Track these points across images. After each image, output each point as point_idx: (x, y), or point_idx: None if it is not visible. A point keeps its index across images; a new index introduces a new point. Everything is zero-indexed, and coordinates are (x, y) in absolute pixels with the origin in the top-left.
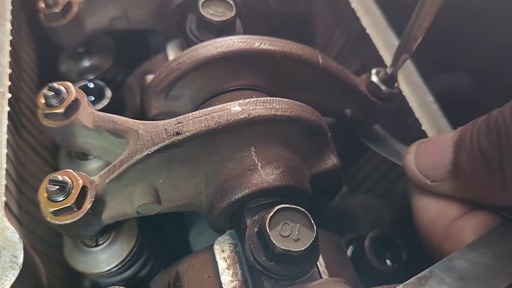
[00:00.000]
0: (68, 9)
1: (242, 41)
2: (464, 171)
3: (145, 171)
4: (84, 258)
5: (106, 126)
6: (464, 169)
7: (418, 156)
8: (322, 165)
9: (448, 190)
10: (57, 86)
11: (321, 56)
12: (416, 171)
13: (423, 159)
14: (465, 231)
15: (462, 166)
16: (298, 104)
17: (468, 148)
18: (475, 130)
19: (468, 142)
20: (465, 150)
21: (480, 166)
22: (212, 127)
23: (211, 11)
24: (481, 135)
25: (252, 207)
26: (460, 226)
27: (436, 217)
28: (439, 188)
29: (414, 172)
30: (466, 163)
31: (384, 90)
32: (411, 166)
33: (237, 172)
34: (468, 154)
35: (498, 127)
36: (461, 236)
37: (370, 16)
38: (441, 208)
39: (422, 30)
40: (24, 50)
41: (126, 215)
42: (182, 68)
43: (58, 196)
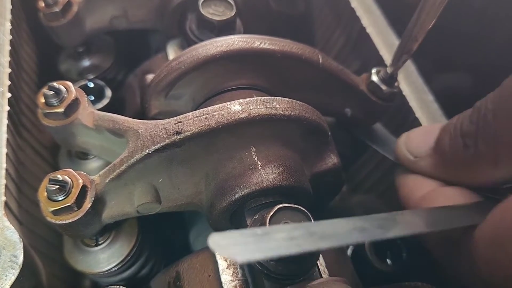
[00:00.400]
0: (68, 8)
1: (242, 40)
2: (443, 147)
3: (145, 170)
4: (84, 257)
5: (106, 126)
6: (444, 145)
7: (408, 137)
8: (323, 164)
9: (427, 165)
10: (57, 85)
11: (321, 55)
12: (403, 147)
13: (411, 139)
14: (437, 202)
15: (442, 143)
16: (298, 104)
17: (451, 128)
18: (462, 115)
19: (453, 124)
20: (448, 130)
21: (457, 143)
22: (212, 126)
23: (211, 10)
24: (465, 117)
25: (252, 206)
26: (434, 196)
27: (413, 189)
28: (420, 163)
29: (401, 149)
30: (446, 140)
31: (384, 89)
32: (400, 143)
33: (238, 171)
34: (449, 133)
35: (479, 107)
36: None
37: (370, 16)
38: (418, 181)
39: (423, 32)
40: (24, 49)
41: (126, 214)
42: (182, 68)
43: (58, 195)
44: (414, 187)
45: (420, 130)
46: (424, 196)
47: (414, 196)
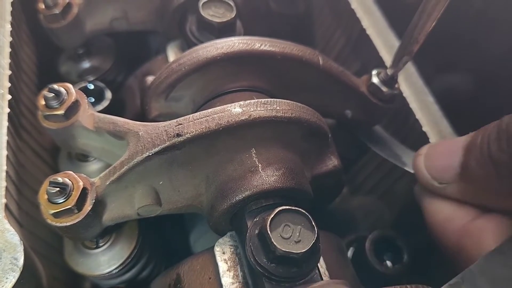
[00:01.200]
0: (68, 10)
1: (243, 42)
2: (473, 175)
3: (146, 172)
4: (84, 260)
5: (107, 128)
6: (473, 173)
7: (428, 158)
8: (323, 166)
9: (455, 192)
10: (57, 87)
11: (321, 57)
12: (425, 173)
13: (432, 161)
14: (485, 231)
15: (471, 170)
16: (298, 106)
17: (477, 152)
18: (486, 135)
19: (478, 146)
20: (474, 154)
21: (489, 171)
22: (212, 128)
23: (212, 12)
24: (491, 140)
25: (253, 208)
26: (481, 224)
27: (452, 217)
28: (447, 190)
29: (423, 173)
30: (475, 167)
31: (384, 91)
32: (421, 168)
33: (238, 173)
34: (477, 158)
35: (509, 133)
36: (481, 235)
37: (370, 17)
38: (456, 209)
39: (424, 34)
40: (24, 51)
41: (127, 217)
42: (182, 70)
43: (58, 198)
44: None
45: (439, 151)
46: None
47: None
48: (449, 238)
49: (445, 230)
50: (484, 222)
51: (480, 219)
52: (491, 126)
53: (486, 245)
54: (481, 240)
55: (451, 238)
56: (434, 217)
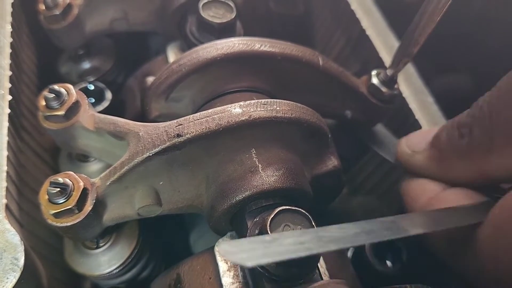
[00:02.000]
0: (68, 11)
1: (243, 43)
2: (440, 139)
3: (146, 173)
4: (84, 260)
5: (107, 128)
6: (440, 138)
7: (409, 136)
8: (323, 166)
9: (423, 159)
10: (58, 88)
11: (321, 57)
12: (403, 146)
13: (411, 137)
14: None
15: (440, 137)
16: (298, 106)
17: (449, 123)
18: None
19: (451, 120)
20: (446, 125)
21: (453, 133)
22: (212, 129)
23: (212, 13)
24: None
25: (253, 209)
26: (443, 197)
27: (421, 192)
28: (416, 156)
29: (401, 146)
30: (444, 133)
31: (384, 91)
32: (401, 143)
33: (238, 174)
34: (447, 127)
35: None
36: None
37: (370, 18)
38: (425, 184)
39: (424, 35)
40: (24, 52)
41: (127, 217)
42: (182, 70)
43: (59, 198)
44: (418, 193)
45: (422, 130)
46: (428, 200)
47: (418, 202)
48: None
49: (415, 206)
50: (447, 195)
51: (444, 192)
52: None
53: None
54: None
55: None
56: (407, 195)
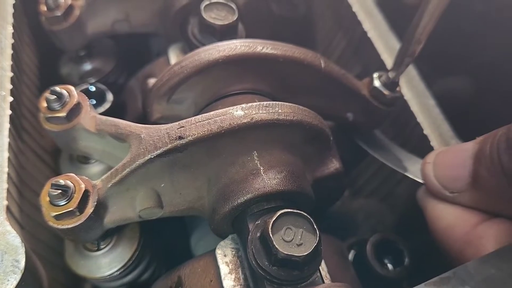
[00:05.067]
0: (69, 12)
1: (245, 45)
2: (484, 184)
3: (148, 175)
4: (85, 262)
5: (108, 130)
6: (484, 182)
7: (437, 167)
8: (325, 169)
9: (467, 201)
10: (59, 89)
11: (323, 60)
12: (435, 182)
13: (442, 170)
14: (487, 238)
15: (482, 180)
16: (300, 108)
17: (488, 162)
18: (495, 143)
19: (488, 155)
20: (484, 163)
21: (501, 181)
22: (214, 131)
23: (213, 14)
24: (501, 149)
25: (254, 211)
26: (482, 232)
27: (455, 224)
28: (458, 199)
29: (433, 182)
30: (487, 177)
31: (386, 94)
32: (430, 176)
33: (240, 176)
34: (488, 167)
35: None
36: (483, 242)
37: (372, 20)
38: (459, 214)
39: (425, 34)
40: (25, 53)
41: (128, 219)
42: (184, 72)
43: (60, 200)
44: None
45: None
46: (469, 232)
47: (456, 233)
48: (451, 246)
49: (448, 238)
50: (486, 229)
51: (482, 225)
52: (499, 133)
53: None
54: (482, 248)
55: (454, 246)
56: (437, 223)
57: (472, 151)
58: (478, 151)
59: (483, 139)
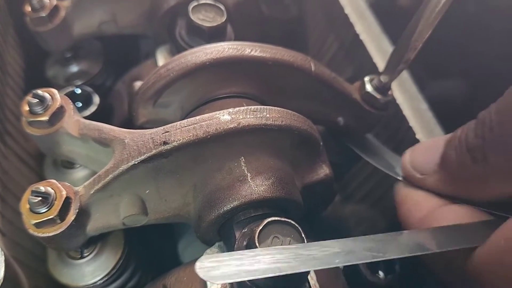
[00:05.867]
0: (55, 13)
1: (233, 47)
2: (450, 162)
3: (132, 181)
4: (68, 270)
5: (92, 135)
6: (450, 160)
7: (412, 153)
8: (314, 175)
9: (434, 182)
10: (42, 93)
11: (313, 63)
12: (408, 166)
13: (416, 155)
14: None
15: (449, 158)
16: (289, 113)
17: (456, 142)
18: (465, 128)
19: (457, 137)
20: (453, 144)
21: (465, 158)
22: (200, 136)
23: (202, 16)
24: (469, 130)
25: (241, 219)
26: (438, 216)
27: (414, 207)
28: (427, 180)
29: (406, 166)
30: (453, 155)
31: (378, 98)
32: (405, 162)
33: (226, 183)
34: (455, 147)
35: (484, 120)
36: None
37: (364, 22)
38: (420, 198)
39: (421, 40)
40: (10, 54)
41: (112, 226)
42: (170, 75)
43: (40, 207)
44: (415, 205)
45: (424, 146)
46: (426, 215)
47: (415, 215)
48: (411, 225)
49: (407, 221)
50: (443, 213)
51: (439, 209)
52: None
53: None
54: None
55: (413, 226)
56: (400, 208)
57: (446, 137)
58: (451, 135)
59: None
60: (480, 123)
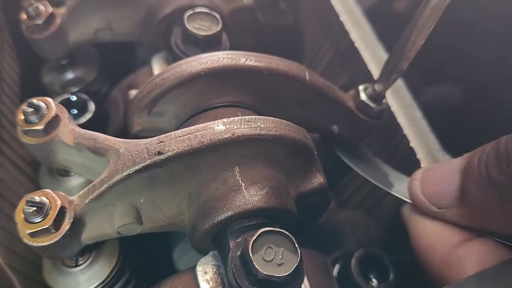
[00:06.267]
0: (51, 21)
1: (228, 57)
2: (473, 199)
3: (126, 190)
4: (63, 278)
5: (87, 144)
6: (473, 197)
7: (424, 183)
8: (308, 184)
9: (455, 217)
10: (37, 102)
11: (308, 72)
12: (423, 198)
13: (429, 186)
14: (467, 261)
15: (470, 194)
16: (283, 123)
17: (476, 176)
18: (483, 157)
19: (476, 169)
20: (473, 178)
21: (490, 195)
22: (195, 146)
23: (197, 25)
24: (490, 162)
25: (235, 228)
26: (462, 254)
27: (436, 242)
28: (446, 215)
29: (420, 198)
30: (475, 191)
31: (372, 107)
32: (417, 193)
33: (221, 192)
34: (476, 181)
35: (509, 154)
36: (463, 265)
37: (359, 30)
38: (441, 232)
39: (414, 50)
40: (6, 61)
41: (107, 235)
42: (165, 84)
43: (35, 217)
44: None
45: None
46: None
47: (436, 252)
48: (431, 265)
49: (428, 257)
50: (467, 250)
51: (463, 245)
52: (487, 147)
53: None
54: (461, 270)
55: (433, 266)
56: (419, 241)
57: (459, 166)
58: (466, 165)
59: (471, 154)
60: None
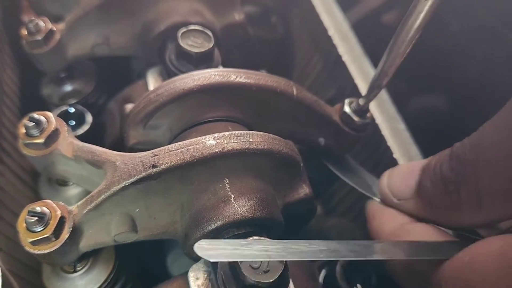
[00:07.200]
0: (50, 36)
1: (219, 74)
2: (426, 192)
3: (122, 201)
4: (62, 283)
5: (85, 157)
6: (426, 190)
7: (390, 177)
8: (295, 194)
9: (411, 208)
10: (38, 116)
11: (295, 87)
12: (386, 190)
13: (393, 180)
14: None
15: (425, 188)
16: (271, 137)
17: (431, 173)
18: (440, 157)
19: (432, 166)
20: (428, 174)
21: (439, 188)
22: (187, 160)
23: (190, 41)
24: (444, 161)
25: (225, 237)
26: (409, 229)
27: (386, 221)
28: (404, 206)
29: (384, 189)
30: (428, 185)
31: (356, 120)
32: (383, 184)
33: (211, 203)
34: (430, 177)
35: (458, 154)
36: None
37: (347, 44)
38: (390, 214)
39: (394, 67)
40: (6, 73)
41: (103, 243)
42: (160, 100)
43: (36, 226)
44: (384, 220)
45: (401, 170)
46: (393, 230)
47: (384, 230)
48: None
49: (380, 231)
50: (414, 227)
51: (411, 224)
52: (446, 150)
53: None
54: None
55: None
56: (371, 222)
57: (421, 165)
58: (426, 164)
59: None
60: (455, 157)
